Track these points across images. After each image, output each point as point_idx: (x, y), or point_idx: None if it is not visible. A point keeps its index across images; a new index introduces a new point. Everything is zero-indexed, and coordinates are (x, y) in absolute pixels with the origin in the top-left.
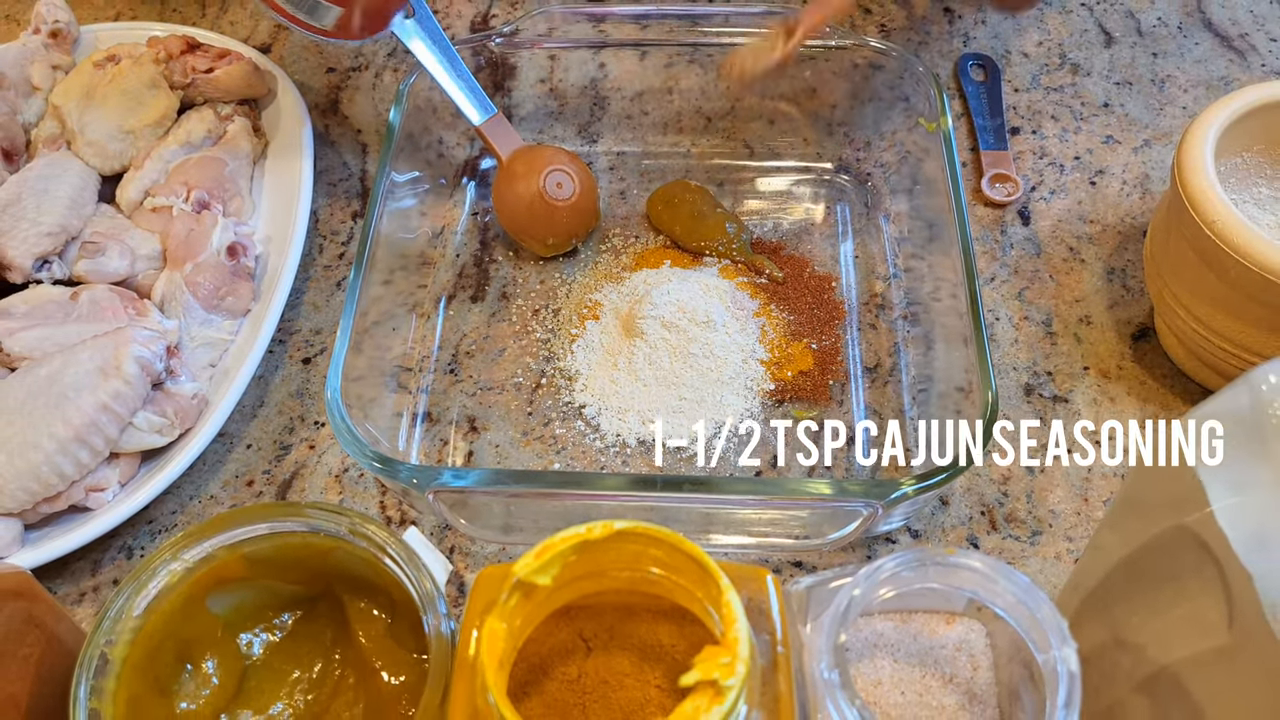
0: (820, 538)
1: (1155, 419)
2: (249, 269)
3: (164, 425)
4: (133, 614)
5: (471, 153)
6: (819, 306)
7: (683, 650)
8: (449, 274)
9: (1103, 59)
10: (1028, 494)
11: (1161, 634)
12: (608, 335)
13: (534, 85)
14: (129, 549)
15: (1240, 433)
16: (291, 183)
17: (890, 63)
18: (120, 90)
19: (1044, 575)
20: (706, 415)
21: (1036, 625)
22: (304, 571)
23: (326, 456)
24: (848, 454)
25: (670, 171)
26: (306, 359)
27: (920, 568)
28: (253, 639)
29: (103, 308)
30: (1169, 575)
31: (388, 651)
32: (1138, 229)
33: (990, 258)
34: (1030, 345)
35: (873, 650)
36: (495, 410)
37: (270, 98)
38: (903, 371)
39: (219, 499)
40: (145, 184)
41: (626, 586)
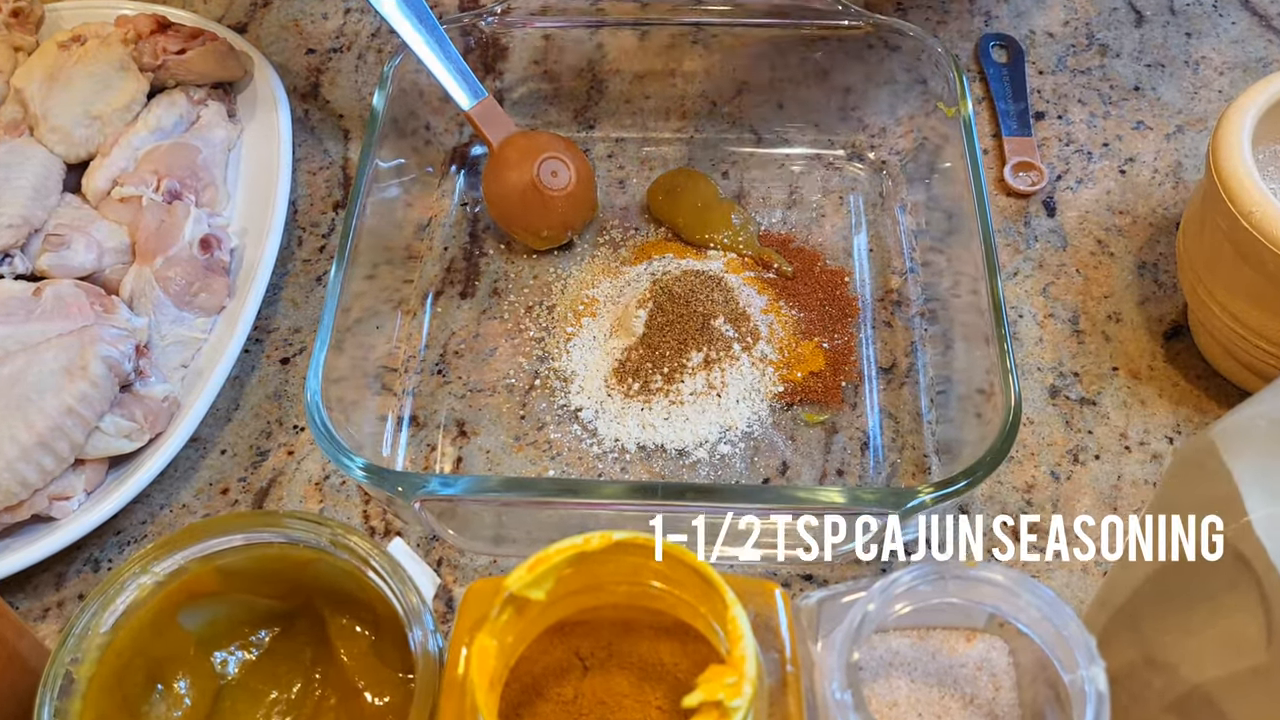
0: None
1: (1189, 423)
2: (223, 263)
3: (133, 429)
4: (100, 631)
5: (460, 139)
6: (831, 303)
7: (685, 669)
8: (436, 268)
9: (1133, 39)
10: (1053, 503)
11: (1195, 652)
12: (605, 334)
13: (527, 67)
14: (95, 561)
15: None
16: (269, 171)
17: (907, 43)
18: (86, 73)
19: (1070, 589)
20: (710, 419)
21: (1062, 642)
22: (282, 585)
23: (306, 463)
24: (861, 460)
25: (672, 159)
26: (285, 359)
27: (938, 581)
28: (227, 657)
29: (68, 304)
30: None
31: (371, 670)
32: (1170, 220)
33: (1013, 251)
34: (1056, 344)
35: (888, 669)
36: (486, 413)
37: (246, 80)
38: (920, 372)
39: (191, 508)
40: (113, 172)
41: (625, 601)
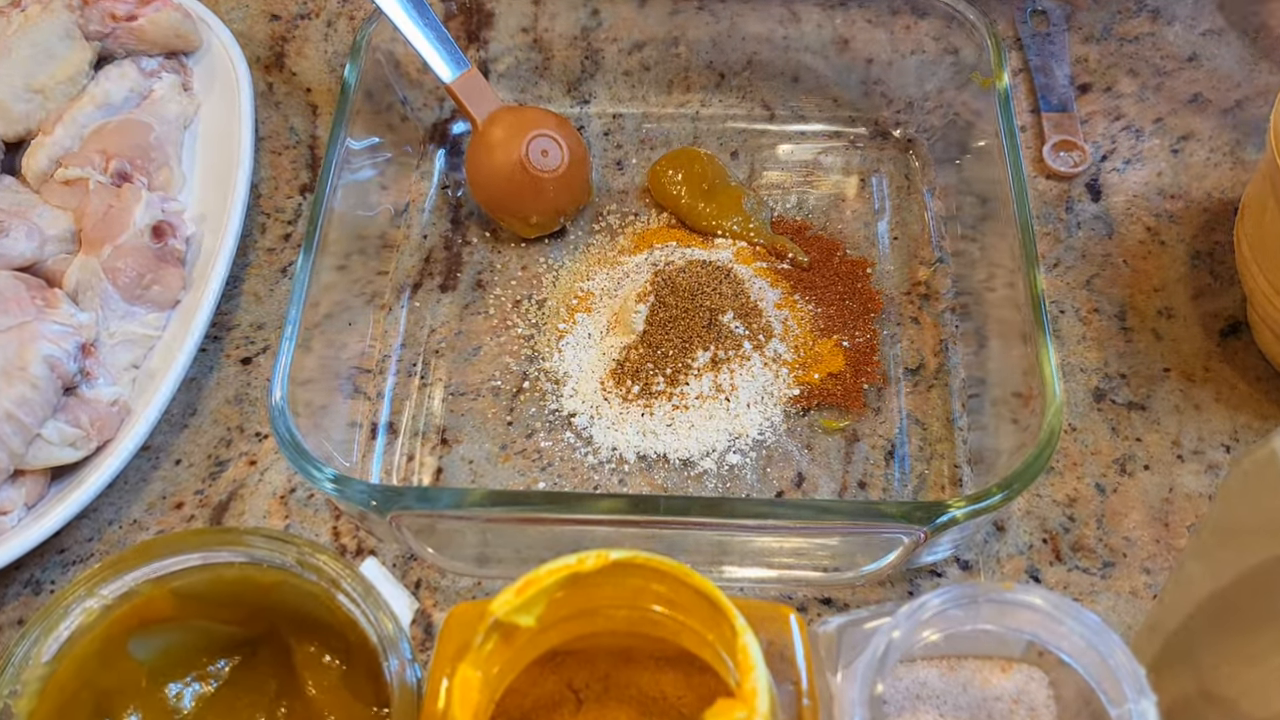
0: (853, 570)
1: (1249, 430)
2: (178, 253)
3: (78, 437)
4: (41, 660)
5: (441, 115)
6: (851, 297)
7: (690, 703)
8: (414, 259)
9: (1187, 4)
10: (1098, 518)
11: (1257, 685)
12: (602, 331)
13: (515, 35)
14: (36, 583)
15: None
16: (229, 151)
17: (936, 8)
18: (27, 41)
19: (1117, 614)
20: (718, 425)
21: (1109, 673)
22: (243, 610)
23: (270, 474)
24: (885, 471)
25: (676, 137)
26: (246, 359)
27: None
28: (183, 689)
29: (5, 298)
30: (1267, 615)
31: (342, 704)
32: (1228, 205)
33: (1054, 240)
34: (1101, 343)
35: (915, 703)
36: (469, 419)
37: (203, 50)
38: (950, 373)
39: (143, 524)
40: (56, 152)
41: (624, 628)
